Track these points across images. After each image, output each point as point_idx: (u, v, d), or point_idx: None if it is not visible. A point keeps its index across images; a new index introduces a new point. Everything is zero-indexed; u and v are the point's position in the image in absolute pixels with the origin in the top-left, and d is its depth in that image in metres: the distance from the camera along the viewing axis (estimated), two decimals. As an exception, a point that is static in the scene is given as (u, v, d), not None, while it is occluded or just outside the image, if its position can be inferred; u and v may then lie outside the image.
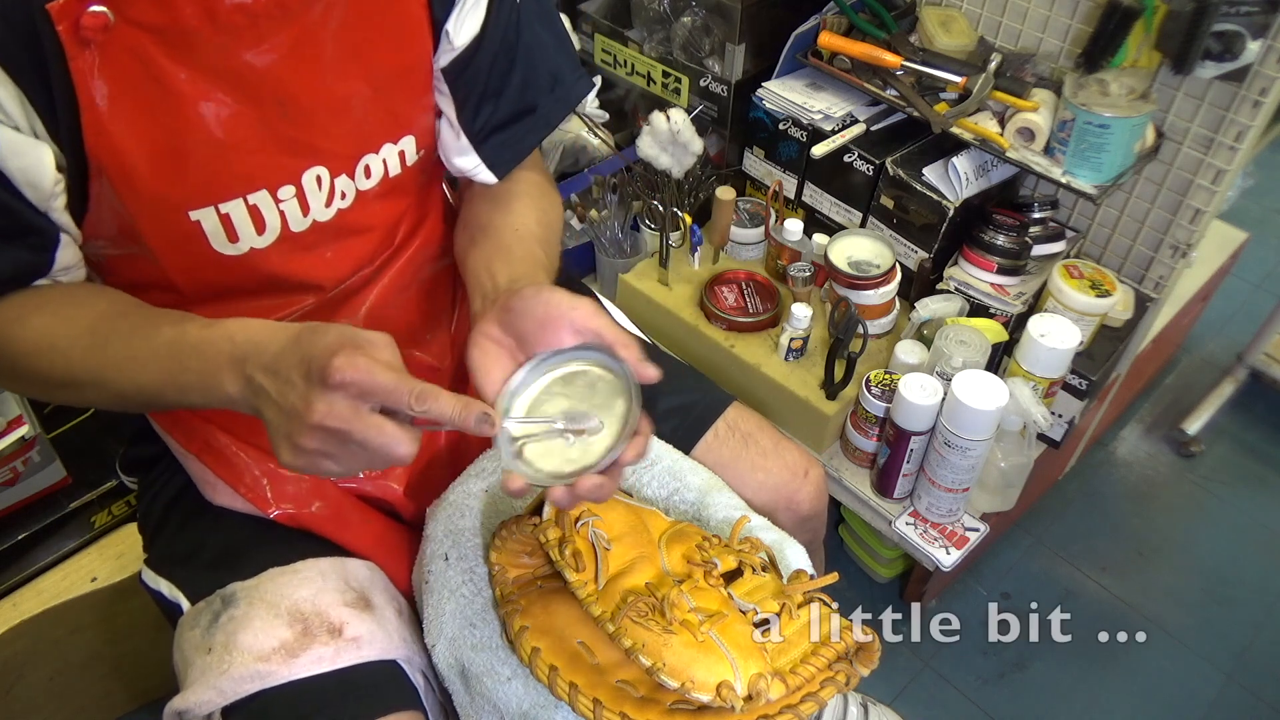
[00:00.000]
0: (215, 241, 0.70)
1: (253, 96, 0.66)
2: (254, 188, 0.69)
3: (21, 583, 1.15)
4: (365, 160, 0.75)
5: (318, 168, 0.72)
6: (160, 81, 0.62)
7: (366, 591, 0.80)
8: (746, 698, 0.60)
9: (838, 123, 1.36)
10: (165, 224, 0.68)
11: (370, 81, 0.72)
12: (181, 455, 0.84)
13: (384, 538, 0.87)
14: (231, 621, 0.74)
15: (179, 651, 0.77)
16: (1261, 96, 1.13)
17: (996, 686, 1.43)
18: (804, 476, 0.96)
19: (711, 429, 0.94)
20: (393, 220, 0.82)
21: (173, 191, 0.66)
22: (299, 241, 0.74)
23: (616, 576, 0.65)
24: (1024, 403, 1.12)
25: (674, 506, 0.86)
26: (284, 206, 0.71)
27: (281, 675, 0.71)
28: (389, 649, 0.76)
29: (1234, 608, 1.54)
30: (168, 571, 0.81)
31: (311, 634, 0.73)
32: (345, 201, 0.75)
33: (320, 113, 0.70)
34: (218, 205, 0.68)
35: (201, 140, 0.65)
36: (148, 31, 0.60)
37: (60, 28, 0.57)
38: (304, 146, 0.71)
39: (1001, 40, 1.34)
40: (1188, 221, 1.27)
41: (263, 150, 0.68)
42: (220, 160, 0.67)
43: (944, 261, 1.33)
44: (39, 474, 1.16)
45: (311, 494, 0.83)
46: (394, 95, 0.75)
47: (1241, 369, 1.85)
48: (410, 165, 0.79)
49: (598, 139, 1.49)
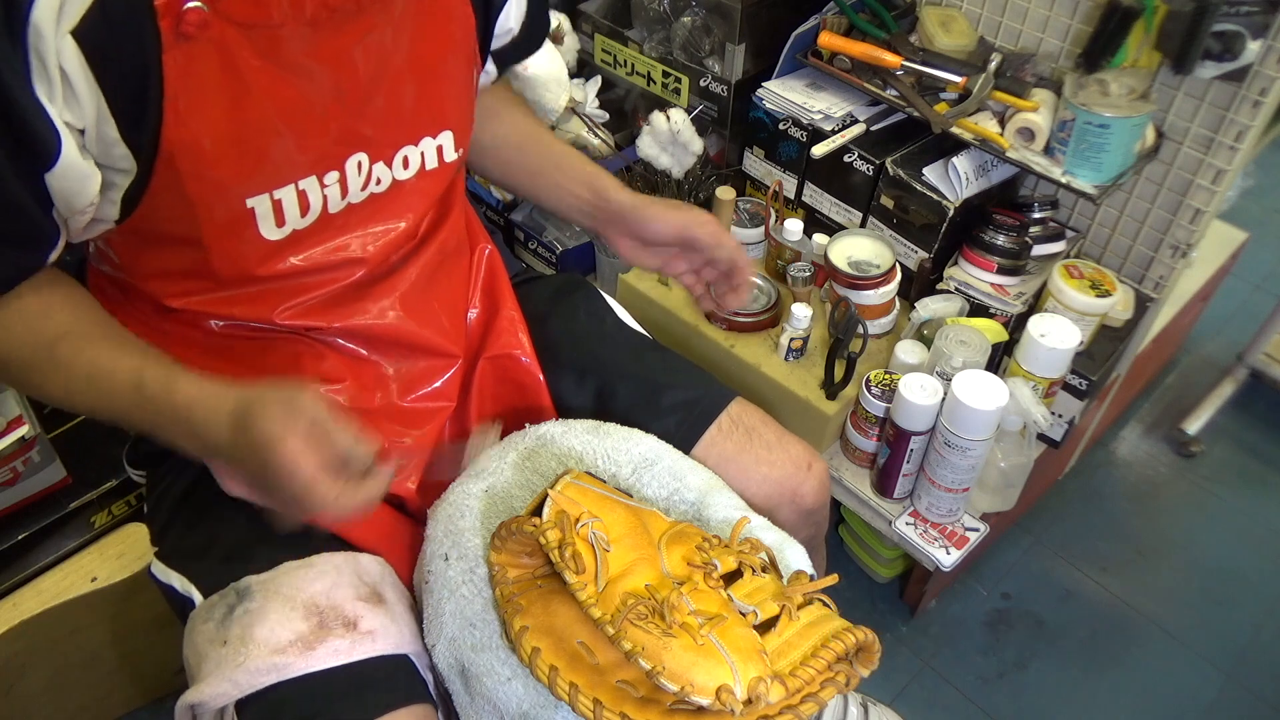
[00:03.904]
0: (264, 227, 0.72)
1: (319, 87, 0.70)
2: (306, 174, 0.72)
3: (21, 583, 1.15)
4: (404, 151, 0.79)
5: (360, 154, 0.75)
6: (238, 73, 0.65)
7: (379, 586, 0.80)
8: (746, 701, 0.60)
9: (838, 123, 1.36)
10: (222, 210, 0.70)
11: (417, 74, 0.76)
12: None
13: (393, 533, 0.87)
14: (247, 614, 0.74)
15: (190, 645, 0.77)
16: (1261, 96, 1.13)
17: (996, 686, 1.43)
18: (808, 470, 0.96)
19: (715, 423, 0.94)
20: (421, 212, 0.84)
21: (235, 179, 0.69)
22: (332, 223, 0.77)
23: (616, 578, 0.65)
24: (1024, 403, 1.12)
25: (674, 507, 0.86)
26: (327, 191, 0.74)
27: (298, 668, 0.71)
28: (402, 643, 0.77)
29: (1234, 608, 1.54)
30: (180, 565, 0.81)
31: (327, 627, 0.74)
32: (380, 187, 0.79)
33: (374, 103, 0.74)
34: (272, 191, 0.71)
35: (269, 129, 0.68)
36: (237, 26, 0.63)
37: (163, 24, 0.60)
38: (353, 135, 0.74)
39: (1001, 40, 1.34)
40: (1188, 221, 1.27)
41: (319, 138, 0.72)
42: (281, 149, 0.70)
43: (944, 261, 1.33)
44: (39, 474, 1.16)
45: None
46: (437, 88, 0.79)
47: (1241, 369, 1.85)
48: (447, 162, 0.83)
49: (598, 139, 1.49)
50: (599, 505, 0.69)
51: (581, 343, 1.00)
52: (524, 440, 0.87)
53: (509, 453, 0.86)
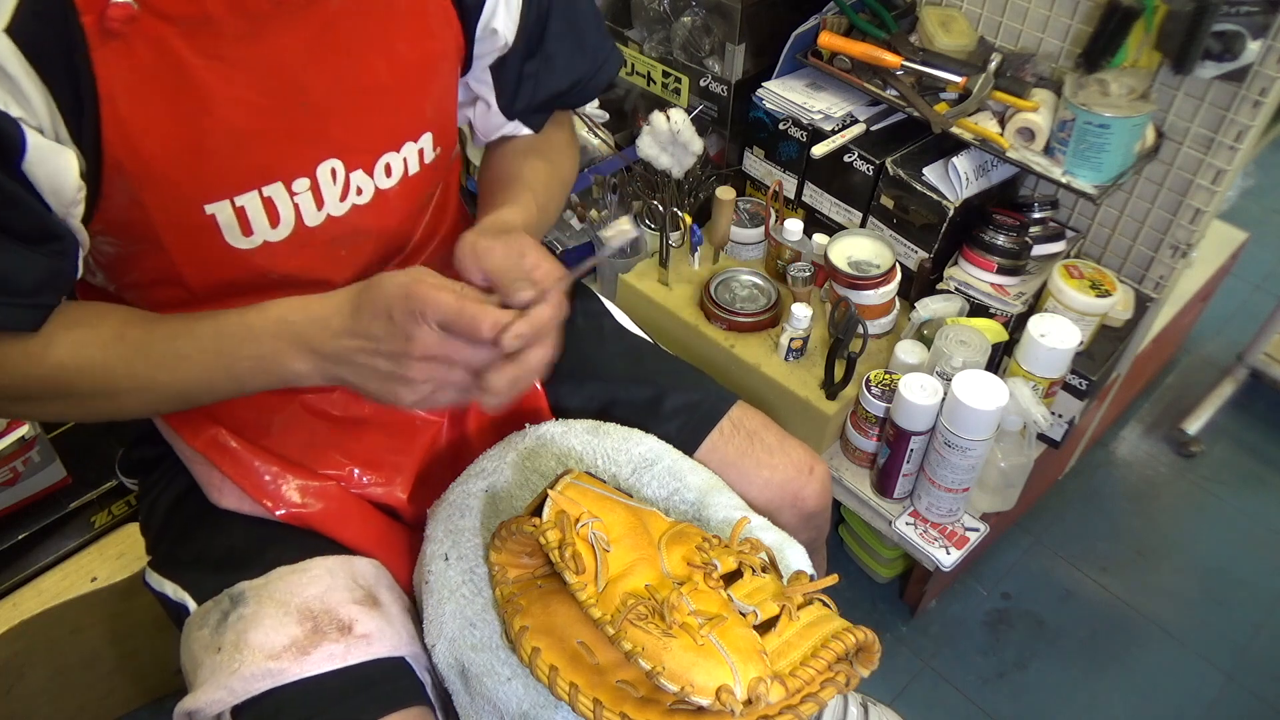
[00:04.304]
0: (229, 235, 0.69)
1: (272, 86, 0.66)
2: (269, 179, 0.69)
3: (21, 583, 1.15)
4: (386, 159, 0.75)
5: (333, 160, 0.71)
6: (181, 72, 0.62)
7: (373, 589, 0.80)
8: (746, 701, 0.60)
9: (838, 123, 1.36)
10: (180, 218, 0.67)
11: (392, 73, 0.72)
12: (188, 458, 0.84)
13: (386, 536, 0.87)
14: (241, 620, 0.74)
15: (186, 652, 0.77)
16: (1261, 96, 1.13)
17: (996, 686, 1.43)
18: (809, 474, 0.96)
19: (717, 427, 0.94)
20: (408, 221, 0.82)
21: (189, 184, 0.66)
22: (312, 237, 0.74)
23: (616, 579, 0.65)
24: (1024, 403, 1.12)
25: (674, 507, 0.86)
26: (298, 199, 0.71)
27: (293, 673, 0.71)
28: (398, 646, 0.76)
29: (1234, 608, 1.54)
30: (173, 573, 0.81)
31: (322, 631, 0.73)
32: (362, 198, 0.75)
33: (340, 103, 0.70)
34: (233, 198, 0.68)
35: (219, 131, 0.65)
36: (171, 22, 0.60)
37: (85, 19, 0.57)
38: (320, 137, 0.70)
39: (1001, 40, 1.34)
40: (1188, 221, 1.27)
41: (279, 141, 0.68)
42: (237, 152, 0.66)
43: (944, 261, 1.33)
44: (39, 474, 1.16)
45: (318, 494, 0.83)
46: (416, 89, 0.75)
47: (1241, 369, 1.85)
48: (428, 163, 0.79)
49: (598, 139, 1.48)
50: (599, 505, 0.69)
51: (579, 350, 0.99)
52: (524, 440, 0.87)
53: (509, 453, 0.86)
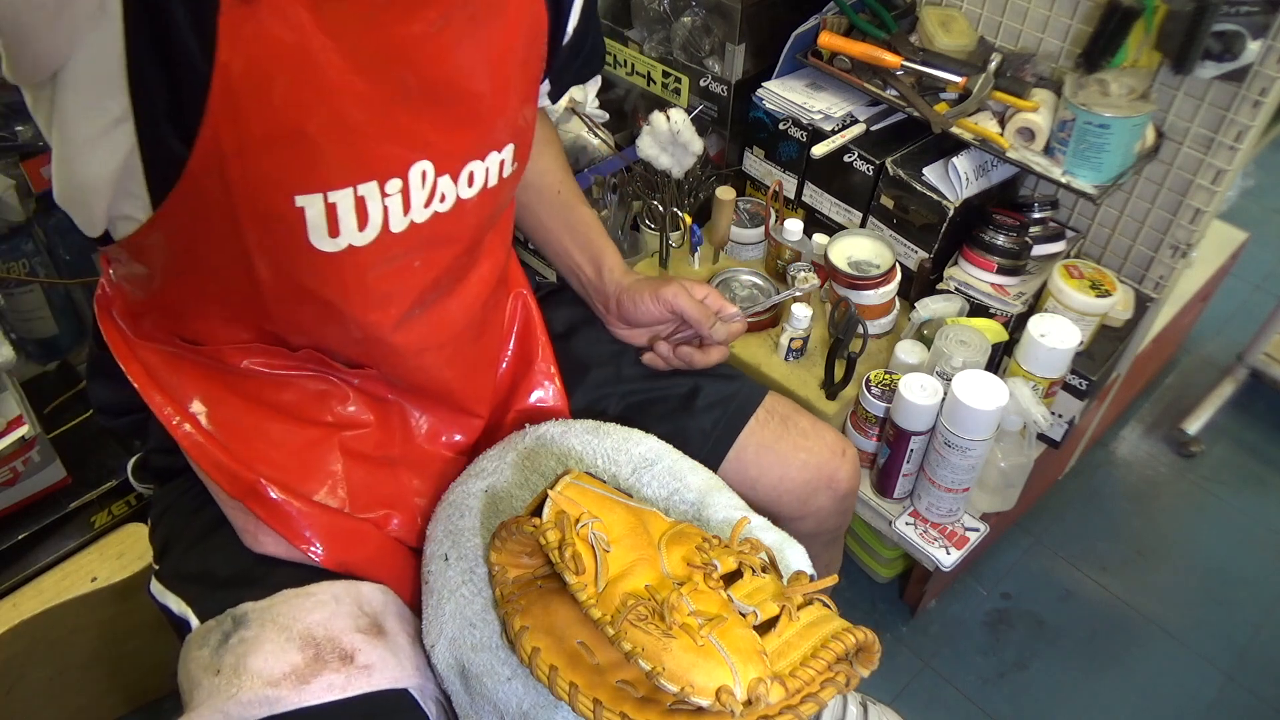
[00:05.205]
0: (314, 234, 0.66)
1: (383, 76, 0.64)
2: (365, 177, 0.66)
3: (21, 583, 1.15)
4: (471, 166, 0.73)
5: (424, 162, 0.69)
6: (302, 50, 0.59)
7: (380, 617, 0.78)
8: (746, 702, 0.60)
9: (838, 123, 1.36)
10: (268, 207, 0.64)
11: (491, 80, 0.71)
12: (225, 504, 0.81)
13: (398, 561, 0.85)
14: (242, 644, 0.72)
15: (185, 670, 0.75)
16: (1261, 96, 1.13)
17: (996, 686, 1.43)
18: (842, 455, 0.99)
19: (754, 415, 0.97)
20: (479, 233, 0.80)
21: (286, 172, 0.63)
22: (395, 244, 0.71)
23: (616, 579, 0.65)
24: (1024, 403, 1.12)
25: (674, 507, 0.86)
26: (389, 201, 0.68)
27: (291, 702, 0.69)
28: (399, 678, 0.74)
29: (1234, 607, 1.54)
30: (178, 587, 0.80)
31: (323, 660, 0.71)
32: (444, 205, 0.73)
33: (440, 102, 0.68)
34: (326, 193, 0.65)
35: (327, 119, 0.62)
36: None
37: None
38: (416, 138, 0.68)
39: (1001, 40, 1.34)
40: (1188, 221, 1.27)
41: (381, 138, 0.66)
42: (340, 143, 0.64)
43: (944, 261, 1.33)
44: (39, 474, 1.16)
45: (355, 540, 0.81)
46: (509, 97, 0.74)
47: (1241, 369, 1.85)
48: (505, 176, 0.78)
49: (598, 139, 1.48)
50: (599, 505, 0.69)
51: (607, 363, 1.01)
52: (524, 440, 0.87)
53: (509, 453, 0.86)
